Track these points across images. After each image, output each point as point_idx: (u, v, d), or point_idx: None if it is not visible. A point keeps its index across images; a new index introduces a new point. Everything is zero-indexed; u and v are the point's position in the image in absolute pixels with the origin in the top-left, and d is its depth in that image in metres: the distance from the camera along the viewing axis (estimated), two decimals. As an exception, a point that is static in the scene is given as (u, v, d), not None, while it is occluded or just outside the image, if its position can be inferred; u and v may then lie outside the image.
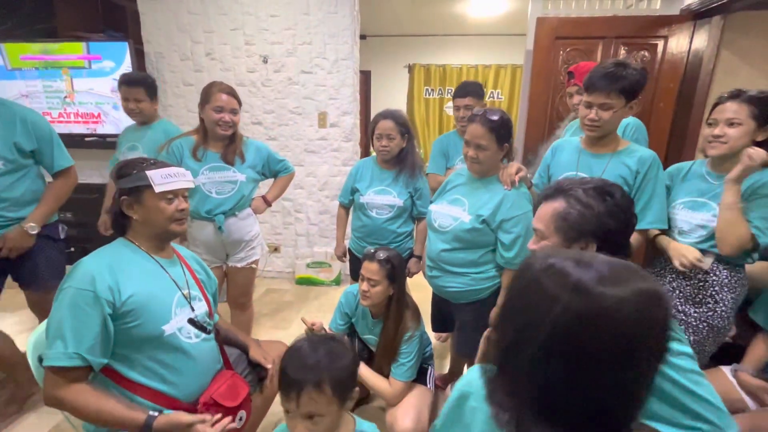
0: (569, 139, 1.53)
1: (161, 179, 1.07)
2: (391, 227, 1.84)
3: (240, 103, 1.76)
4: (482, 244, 1.42)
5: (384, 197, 1.82)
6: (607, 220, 0.85)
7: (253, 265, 1.93)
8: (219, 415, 1.05)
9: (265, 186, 2.05)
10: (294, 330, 2.46)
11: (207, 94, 1.70)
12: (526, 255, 1.38)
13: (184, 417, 0.98)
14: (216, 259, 1.84)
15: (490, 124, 1.34)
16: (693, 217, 1.31)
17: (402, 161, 1.82)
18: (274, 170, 1.95)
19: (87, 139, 3.04)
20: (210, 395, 1.10)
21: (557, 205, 0.89)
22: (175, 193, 1.11)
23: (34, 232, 1.56)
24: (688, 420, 0.73)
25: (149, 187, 1.06)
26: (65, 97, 2.94)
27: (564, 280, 0.48)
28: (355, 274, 1.95)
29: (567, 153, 1.47)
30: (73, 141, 3.06)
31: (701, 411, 0.72)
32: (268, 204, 1.98)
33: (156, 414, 0.96)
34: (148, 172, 1.06)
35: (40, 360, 0.96)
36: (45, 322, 1.15)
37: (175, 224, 1.12)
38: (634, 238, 1.29)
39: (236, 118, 1.74)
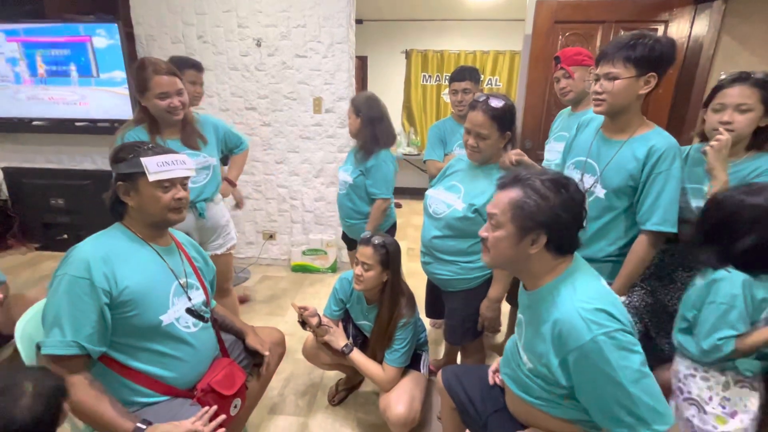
0: (593, 117, 1.41)
1: (156, 167, 1.04)
2: (347, 203, 1.98)
3: (181, 77, 1.55)
4: (473, 234, 1.38)
5: (344, 174, 1.98)
6: (561, 212, 0.85)
7: (232, 251, 1.90)
8: (214, 409, 1.03)
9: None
10: (289, 317, 2.46)
11: (143, 80, 1.47)
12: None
13: (173, 429, 0.94)
14: None
15: (492, 112, 1.28)
16: (691, 203, 1.27)
17: (359, 140, 1.91)
18: (230, 147, 1.90)
19: (77, 123, 2.98)
20: (207, 382, 1.10)
21: (514, 194, 0.89)
22: (172, 182, 1.08)
23: None
24: (618, 411, 0.79)
25: (144, 174, 1.03)
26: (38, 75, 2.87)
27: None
28: (347, 246, 2.20)
29: (587, 133, 1.38)
30: (63, 126, 3.02)
31: (632, 406, 0.78)
32: (234, 185, 1.98)
33: (144, 427, 0.93)
34: (143, 159, 1.03)
35: (38, 348, 0.94)
36: (31, 309, 1.14)
37: (172, 213, 1.09)
38: (642, 240, 1.22)
39: (185, 98, 1.55)
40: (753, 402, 1.06)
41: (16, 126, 3.06)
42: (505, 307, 2.25)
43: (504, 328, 2.31)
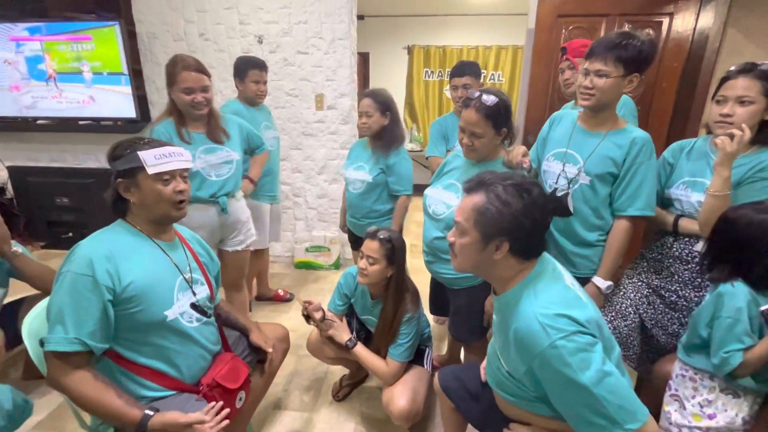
0: (569, 111, 1.46)
1: (154, 160, 1.04)
2: (364, 203, 1.93)
3: (209, 75, 1.65)
4: None
5: (358, 173, 1.92)
6: (522, 218, 0.84)
7: (250, 247, 1.92)
8: (220, 404, 1.04)
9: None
10: (293, 313, 2.47)
11: (172, 74, 1.58)
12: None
13: (181, 417, 0.95)
14: (211, 244, 1.81)
15: (485, 111, 1.26)
16: (692, 197, 1.27)
17: (382, 138, 1.87)
18: (252, 147, 1.95)
19: (81, 122, 2.99)
20: (213, 377, 1.11)
21: (477, 199, 0.87)
22: (172, 174, 1.07)
23: None
24: (587, 414, 0.79)
25: (143, 168, 1.03)
26: (48, 77, 2.88)
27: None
28: (351, 245, 2.23)
29: (562, 127, 1.41)
30: (66, 125, 3.03)
31: (600, 408, 0.77)
32: (254, 184, 2.01)
33: (152, 413, 0.94)
34: (140, 153, 1.02)
35: (41, 344, 0.95)
36: (38, 306, 1.15)
37: (174, 209, 1.09)
38: (623, 225, 1.27)
39: (209, 94, 1.63)
40: (733, 407, 1.09)
41: (20, 125, 3.07)
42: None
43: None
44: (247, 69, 2.12)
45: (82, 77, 2.85)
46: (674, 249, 1.32)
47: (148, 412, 0.94)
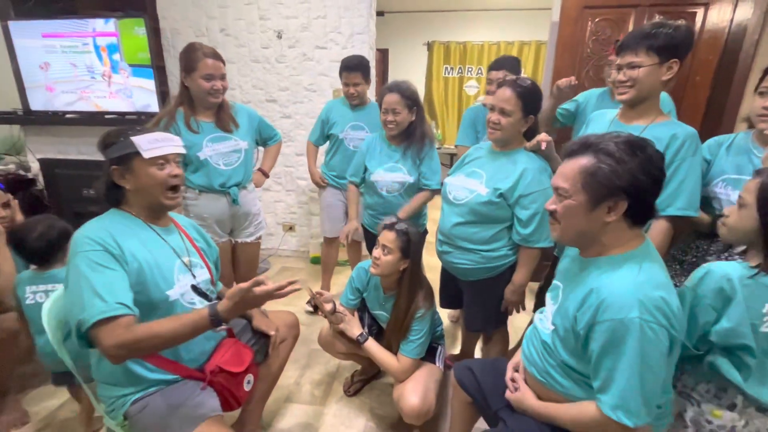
0: (606, 110, 1.43)
1: (148, 144, 1.04)
2: (403, 204, 1.81)
3: (225, 64, 1.65)
4: (498, 219, 1.38)
5: (394, 175, 1.79)
6: (640, 176, 0.80)
7: (260, 240, 1.93)
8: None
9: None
10: (308, 306, 2.47)
11: (191, 60, 1.58)
12: (543, 232, 1.34)
13: (241, 285, 0.93)
14: (223, 234, 1.83)
15: (519, 89, 1.30)
16: (732, 195, 1.19)
17: (410, 136, 1.77)
18: (265, 138, 1.93)
19: (107, 116, 3.08)
20: (216, 363, 1.11)
21: (585, 161, 0.84)
22: (166, 159, 1.07)
23: None
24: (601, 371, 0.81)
25: (137, 153, 1.02)
26: (103, 74, 2.96)
27: None
28: (371, 250, 1.96)
29: (598, 125, 1.37)
30: (93, 119, 3.13)
31: (613, 378, 0.79)
32: (266, 176, 1.99)
33: (215, 301, 0.97)
34: (134, 139, 1.03)
35: (79, 329, 0.90)
36: (57, 292, 1.16)
37: (168, 195, 1.08)
38: (662, 226, 1.20)
39: (226, 82, 1.65)
40: None
41: (51, 119, 3.19)
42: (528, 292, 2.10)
43: (530, 305, 2.20)
44: (340, 73, 2.10)
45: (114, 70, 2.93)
46: (712, 252, 1.24)
47: (209, 305, 0.95)
